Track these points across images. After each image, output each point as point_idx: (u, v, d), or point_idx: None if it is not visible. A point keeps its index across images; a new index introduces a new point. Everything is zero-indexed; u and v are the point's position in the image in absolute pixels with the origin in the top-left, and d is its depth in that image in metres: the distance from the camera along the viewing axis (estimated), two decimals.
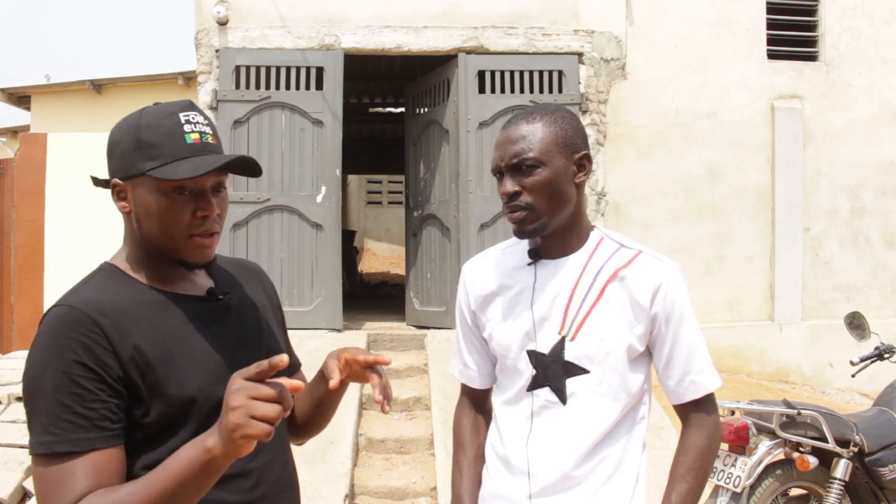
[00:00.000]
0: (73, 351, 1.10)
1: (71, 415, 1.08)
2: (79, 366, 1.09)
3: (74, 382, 1.09)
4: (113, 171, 1.24)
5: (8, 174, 7.72)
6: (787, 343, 7.02)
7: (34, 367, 1.12)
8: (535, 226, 1.48)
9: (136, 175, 1.21)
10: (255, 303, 1.37)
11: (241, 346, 1.28)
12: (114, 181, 1.23)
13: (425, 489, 4.43)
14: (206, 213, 1.22)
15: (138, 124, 1.22)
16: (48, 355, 1.10)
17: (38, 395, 1.10)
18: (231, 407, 0.98)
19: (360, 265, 15.14)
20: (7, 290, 7.70)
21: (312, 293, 6.45)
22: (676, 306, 1.49)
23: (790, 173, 7.06)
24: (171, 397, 1.15)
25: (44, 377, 1.10)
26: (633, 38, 6.84)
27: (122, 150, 1.22)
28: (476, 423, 1.68)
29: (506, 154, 1.48)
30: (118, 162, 1.23)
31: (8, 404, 5.40)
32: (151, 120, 1.21)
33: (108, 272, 1.25)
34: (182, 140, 1.20)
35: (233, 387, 1.00)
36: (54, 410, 1.08)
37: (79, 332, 1.11)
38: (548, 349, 1.49)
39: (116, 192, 1.24)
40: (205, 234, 1.23)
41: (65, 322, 1.12)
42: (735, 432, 3.13)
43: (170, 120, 1.21)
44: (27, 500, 4.26)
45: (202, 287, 1.30)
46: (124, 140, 1.22)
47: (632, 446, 1.51)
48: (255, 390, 0.98)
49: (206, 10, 6.49)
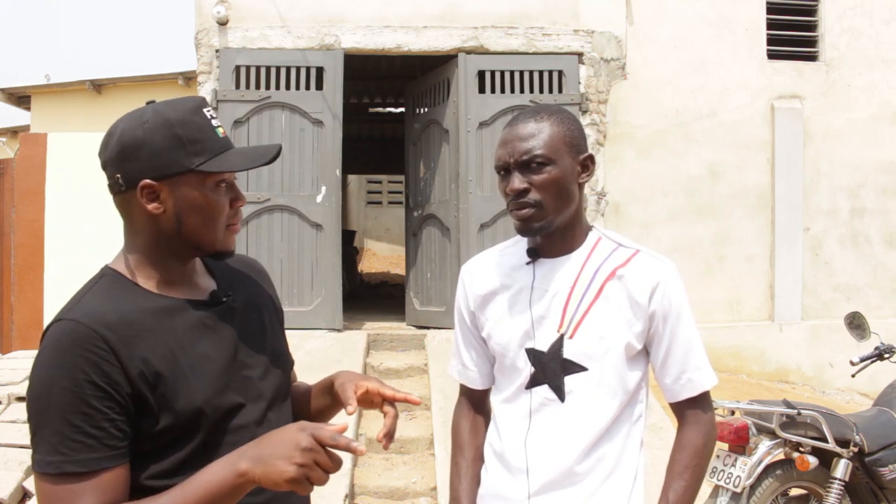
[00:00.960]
0: (80, 369, 1.08)
1: (80, 434, 1.06)
2: (88, 384, 1.07)
3: (83, 402, 1.07)
4: (137, 171, 1.17)
5: (8, 174, 7.72)
6: (787, 343, 7.02)
7: (40, 385, 1.09)
8: (541, 224, 1.49)
9: (177, 173, 1.18)
10: (258, 303, 1.37)
11: (246, 349, 1.27)
12: (145, 182, 1.17)
13: (425, 489, 4.43)
14: (242, 203, 1.27)
15: (169, 121, 1.18)
16: (55, 373, 1.08)
17: (45, 413, 1.08)
18: (295, 461, 1.02)
19: (360, 265, 15.14)
20: (7, 290, 7.70)
21: (312, 293, 6.45)
22: (674, 304, 1.50)
23: (790, 173, 7.06)
24: (180, 409, 1.14)
25: (51, 395, 1.07)
26: (633, 38, 6.84)
27: (154, 150, 1.17)
28: (475, 423, 1.68)
29: (515, 150, 1.49)
30: (148, 162, 1.17)
31: (8, 404, 5.40)
32: (182, 117, 1.19)
33: (111, 278, 1.22)
34: (215, 135, 1.21)
35: (303, 442, 1.03)
36: (62, 430, 1.06)
37: (85, 349, 1.09)
38: (546, 347, 1.50)
39: (146, 193, 1.18)
40: (237, 222, 1.27)
41: (71, 338, 1.10)
42: (735, 432, 3.13)
43: (199, 116, 1.21)
44: (27, 500, 4.26)
45: (206, 289, 1.29)
46: (155, 139, 1.17)
47: (630, 444, 1.52)
48: (322, 458, 1.03)
49: (206, 10, 6.49)
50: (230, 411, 1.20)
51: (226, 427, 1.19)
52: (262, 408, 1.26)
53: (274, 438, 1.06)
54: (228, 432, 1.19)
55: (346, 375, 1.38)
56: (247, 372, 1.25)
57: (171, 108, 1.20)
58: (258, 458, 1.04)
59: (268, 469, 1.03)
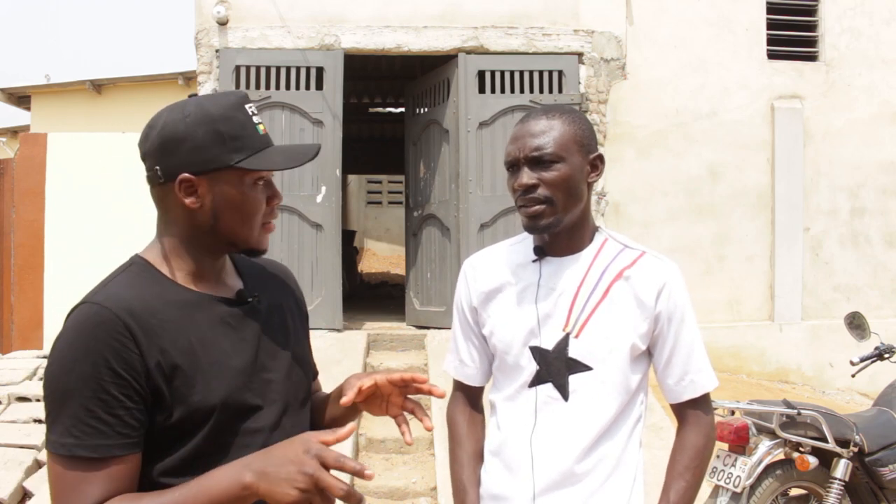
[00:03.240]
0: (101, 354, 1.07)
1: (94, 420, 1.06)
2: (107, 371, 1.07)
3: (101, 388, 1.07)
4: (177, 165, 1.17)
5: (8, 174, 7.72)
6: (787, 343, 7.02)
7: (60, 366, 1.09)
8: (550, 220, 1.49)
9: (217, 168, 1.18)
10: (282, 307, 1.35)
11: (267, 351, 1.26)
12: (183, 176, 1.17)
13: (425, 489, 4.43)
14: (279, 201, 1.26)
15: (211, 116, 1.18)
16: (75, 355, 1.08)
17: (62, 395, 1.08)
18: (297, 486, 1.00)
19: (360, 265, 15.14)
20: (7, 290, 7.71)
21: (312, 293, 6.45)
22: (679, 306, 1.51)
23: (790, 173, 7.06)
24: (195, 404, 1.13)
25: (69, 378, 1.07)
26: (633, 38, 6.84)
27: (195, 144, 1.17)
28: (472, 418, 1.68)
29: (525, 146, 1.49)
30: (189, 156, 1.17)
31: (8, 404, 5.40)
32: (225, 112, 1.19)
33: (140, 266, 1.21)
34: (256, 132, 1.22)
35: (307, 466, 1.01)
36: (78, 413, 1.06)
37: (108, 334, 1.09)
38: (552, 345, 1.50)
39: (184, 187, 1.18)
40: (272, 220, 1.27)
41: (94, 322, 1.09)
42: (735, 432, 3.13)
43: (241, 112, 1.21)
44: (27, 500, 4.26)
45: (232, 288, 1.28)
46: (197, 133, 1.17)
47: (630, 444, 1.53)
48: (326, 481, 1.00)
49: (206, 10, 6.49)
50: (246, 412, 1.19)
51: (239, 429, 1.18)
52: (278, 412, 1.24)
53: (279, 454, 1.04)
54: (241, 434, 1.18)
55: (356, 376, 1.36)
56: (267, 375, 1.24)
57: (213, 102, 1.20)
58: (263, 474, 1.03)
59: (272, 487, 1.02)
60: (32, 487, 4.30)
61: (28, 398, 5.46)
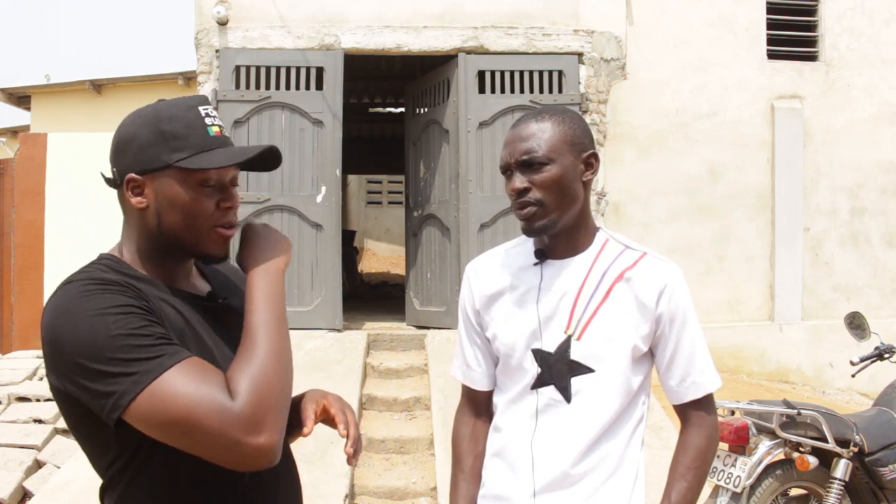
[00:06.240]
0: (117, 298, 1.07)
1: (154, 338, 1.05)
2: (133, 307, 1.07)
3: (137, 317, 1.06)
4: (126, 166, 1.19)
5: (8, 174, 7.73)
6: (787, 343, 7.02)
7: (87, 331, 1.04)
8: (544, 222, 1.49)
9: (158, 168, 1.18)
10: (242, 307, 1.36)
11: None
12: (129, 176, 1.18)
13: (425, 489, 4.43)
14: (230, 205, 1.23)
15: (158, 117, 1.19)
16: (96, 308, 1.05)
17: (109, 346, 1.03)
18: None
19: (360, 265, 15.14)
20: (7, 290, 7.71)
21: (312, 293, 6.45)
22: (681, 307, 1.51)
23: (790, 173, 7.06)
24: None
25: (107, 328, 1.04)
26: (633, 38, 6.84)
27: (139, 144, 1.18)
28: (474, 431, 1.67)
29: (515, 151, 1.50)
30: (135, 157, 1.18)
31: (8, 404, 5.40)
32: (173, 112, 1.19)
33: (111, 262, 1.20)
34: (206, 132, 1.20)
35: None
36: (139, 343, 1.04)
37: (117, 286, 1.09)
38: (553, 348, 1.50)
39: (131, 187, 1.19)
40: (227, 225, 1.23)
41: (96, 284, 1.09)
42: (735, 432, 3.12)
43: (192, 112, 1.20)
44: (27, 500, 4.26)
45: (202, 291, 1.29)
46: (142, 133, 1.18)
47: (632, 444, 1.53)
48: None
49: (206, 10, 6.49)
50: None
51: None
52: None
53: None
54: None
55: (311, 393, 1.35)
56: None
57: (168, 104, 1.21)
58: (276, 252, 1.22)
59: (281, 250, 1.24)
60: (32, 487, 4.30)
61: (28, 398, 5.46)
